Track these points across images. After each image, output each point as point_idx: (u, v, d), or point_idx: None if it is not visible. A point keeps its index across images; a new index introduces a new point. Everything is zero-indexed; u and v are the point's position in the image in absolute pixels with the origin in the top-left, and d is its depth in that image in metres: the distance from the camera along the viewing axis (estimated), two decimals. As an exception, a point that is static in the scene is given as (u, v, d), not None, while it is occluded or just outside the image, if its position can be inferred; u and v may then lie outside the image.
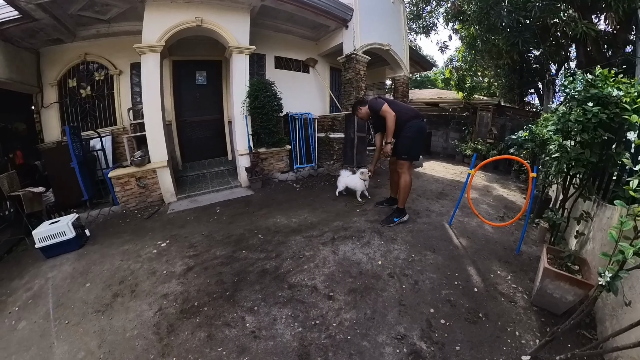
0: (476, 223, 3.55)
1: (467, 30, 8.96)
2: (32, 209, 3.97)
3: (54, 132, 5.59)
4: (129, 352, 1.94)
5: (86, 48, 5.56)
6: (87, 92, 5.68)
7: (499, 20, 7.13)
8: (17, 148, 4.75)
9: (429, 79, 19.79)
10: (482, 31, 8.07)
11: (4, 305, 2.69)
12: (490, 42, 8.16)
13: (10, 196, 3.93)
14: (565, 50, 8.60)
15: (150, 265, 2.95)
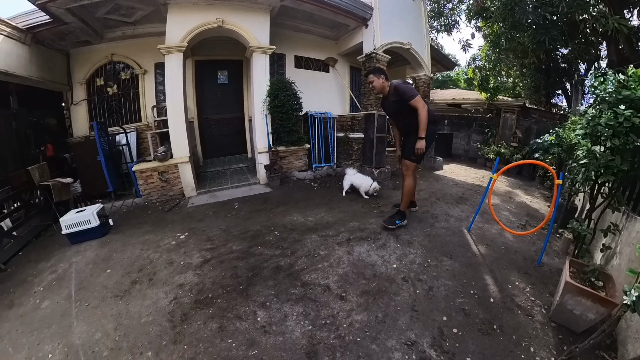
0: (496, 230, 3.42)
1: (491, 27, 8.55)
2: (60, 198, 4.22)
3: (82, 127, 5.93)
4: (142, 336, 2.03)
5: (113, 49, 5.85)
6: (114, 91, 5.99)
7: (524, 16, 6.74)
8: (48, 141, 5.05)
9: (451, 79, 19.25)
10: (507, 28, 7.67)
11: (30, 285, 2.88)
12: (515, 40, 7.76)
13: (41, 185, 4.19)
14: (595, 48, 8.03)
15: (168, 256, 3.05)
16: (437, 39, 13.65)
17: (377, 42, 6.02)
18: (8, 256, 3.46)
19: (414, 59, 7.14)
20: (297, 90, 5.49)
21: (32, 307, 2.54)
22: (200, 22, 4.77)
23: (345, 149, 6.17)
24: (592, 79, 2.72)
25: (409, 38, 6.64)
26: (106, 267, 2.98)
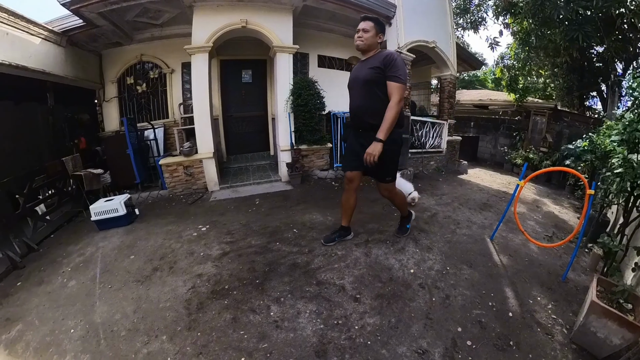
0: (520, 240, 3.27)
1: (520, 24, 8.06)
2: (91, 187, 4.50)
3: (113, 122, 6.30)
4: (159, 321, 2.12)
5: (142, 49, 6.15)
6: (143, 89, 6.29)
7: (556, 12, 6.27)
8: (81, 135, 5.37)
9: (477, 79, 18.52)
10: (537, 25, 7.18)
11: (59, 265, 3.09)
12: (546, 37, 7.23)
13: (74, 175, 4.50)
14: (634, 45, 7.22)
15: (189, 246, 3.17)
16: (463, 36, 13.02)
17: (400, 40, 5.88)
18: (41, 238, 3.73)
19: (439, 58, 6.90)
20: (320, 90, 5.50)
21: (59, 285, 2.74)
22: (224, 23, 4.90)
23: (367, 150, 6.11)
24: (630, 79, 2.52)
25: (433, 36, 6.43)
26: (130, 253, 3.14)
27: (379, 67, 2.37)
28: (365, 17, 2.53)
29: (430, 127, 6.59)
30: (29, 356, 1.98)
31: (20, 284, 2.86)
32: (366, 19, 2.52)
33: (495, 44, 10.11)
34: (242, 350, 1.83)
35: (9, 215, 3.41)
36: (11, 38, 4.08)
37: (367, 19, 2.52)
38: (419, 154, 6.37)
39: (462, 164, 6.91)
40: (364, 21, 2.51)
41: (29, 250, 3.42)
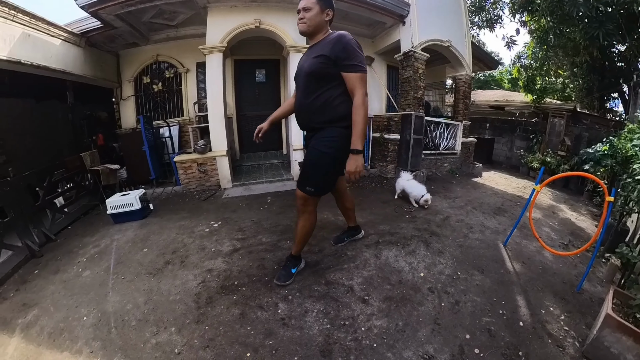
0: (535, 247, 3.17)
1: (537, 22, 7.71)
2: (107, 182, 4.65)
3: (130, 120, 6.51)
4: (169, 312, 2.18)
5: (158, 50, 6.31)
6: (159, 88, 6.47)
7: (575, 9, 5.95)
8: (99, 132, 5.57)
9: (493, 79, 18.03)
10: (555, 23, 6.85)
11: (75, 255, 3.21)
12: (565, 35, 6.91)
13: (91, 170, 4.65)
14: None
15: (201, 242, 3.23)
16: (478, 35, 12.66)
17: (414, 39, 5.80)
18: (59, 229, 3.88)
19: (454, 57, 6.77)
20: (333, 89, 5.49)
21: (74, 275, 2.85)
22: (238, 23, 4.96)
23: (380, 150, 6.06)
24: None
25: (448, 35, 6.31)
26: (143, 246, 3.23)
27: (326, 55, 1.90)
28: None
29: (444, 128, 6.49)
30: (43, 340, 2.07)
31: (37, 271, 2.99)
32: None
33: (512, 42, 9.73)
34: (248, 346, 1.86)
35: (30, 207, 3.56)
36: (33, 39, 4.27)
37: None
38: (433, 156, 6.28)
39: (477, 166, 6.76)
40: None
41: (47, 240, 3.57)
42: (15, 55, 3.97)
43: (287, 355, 1.79)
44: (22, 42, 4.07)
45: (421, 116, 5.56)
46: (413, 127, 5.34)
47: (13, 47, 3.94)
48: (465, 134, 7.01)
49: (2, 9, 3.70)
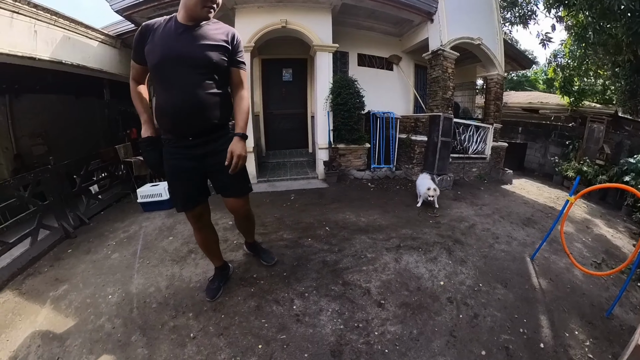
0: (564, 264, 2.97)
1: (575, 17, 7.00)
2: (139, 173, 4.89)
3: None
4: (188, 299, 2.28)
5: None
6: None
7: (616, 2, 5.34)
8: (133, 126, 5.92)
9: (527, 79, 17.11)
10: (594, 18, 6.19)
11: (105, 239, 3.43)
12: (606, 31, 6.29)
13: (124, 161, 4.94)
14: None
15: (224, 234, 3.32)
16: (511, 32, 11.77)
17: (443, 37, 5.61)
18: (92, 213, 4.18)
19: (485, 56, 6.47)
20: (359, 89, 5.47)
21: (104, 256, 3.05)
22: (265, 23, 5.05)
23: (406, 152, 5.95)
24: None
25: (478, 32, 6.03)
26: (169, 234, 3.38)
27: (225, 46, 1.73)
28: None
29: (474, 130, 6.23)
30: (70, 313, 2.25)
31: (70, 251, 3.24)
32: None
33: (547, 40, 8.89)
34: (260, 338, 1.91)
35: (67, 192, 3.84)
36: (73, 42, 4.60)
37: None
38: (461, 160, 6.07)
39: (507, 173, 6.43)
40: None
41: (81, 223, 3.85)
42: (57, 56, 4.30)
43: (297, 351, 1.81)
44: (63, 44, 4.41)
45: (450, 118, 5.39)
46: (441, 129, 5.18)
47: (55, 48, 4.27)
48: (495, 138, 6.72)
49: (45, 14, 4.03)
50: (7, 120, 5.81)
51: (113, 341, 1.95)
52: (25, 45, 3.83)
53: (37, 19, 3.96)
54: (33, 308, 2.35)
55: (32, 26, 3.90)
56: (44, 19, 4.04)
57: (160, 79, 1.69)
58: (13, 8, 3.59)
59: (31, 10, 3.83)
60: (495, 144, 6.65)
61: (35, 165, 5.24)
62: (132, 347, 1.90)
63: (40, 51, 4.05)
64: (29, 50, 3.88)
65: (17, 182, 3.28)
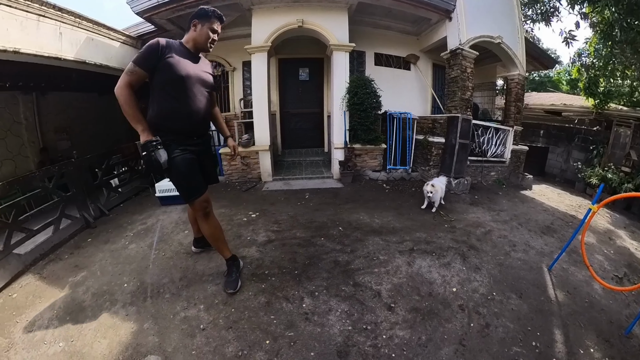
0: (583, 277, 2.82)
1: (600, 13, 6.63)
2: None
3: None
4: (200, 291, 2.35)
5: None
6: None
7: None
8: None
9: (550, 80, 16.35)
10: (622, 14, 5.85)
11: (124, 230, 3.57)
12: (634, 28, 5.94)
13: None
14: None
15: (238, 230, 3.40)
16: (532, 30, 11.12)
17: (462, 36, 5.44)
18: (112, 205, 4.37)
19: (506, 55, 6.23)
20: (376, 88, 5.43)
21: (121, 246, 3.17)
22: (281, 23, 5.11)
23: (423, 153, 5.86)
24: None
25: (499, 30, 5.81)
26: (185, 228, 3.46)
27: (213, 76, 2.36)
28: (221, 17, 2.25)
29: (493, 133, 6.05)
30: (87, 298, 2.36)
31: (90, 240, 3.40)
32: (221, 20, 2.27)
33: (571, 38, 8.35)
34: (268, 334, 1.94)
35: (89, 185, 4.03)
36: (96, 43, 4.81)
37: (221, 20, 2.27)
38: (479, 163, 5.91)
39: (527, 178, 6.21)
40: (221, 23, 2.26)
41: (102, 214, 4.03)
42: (81, 56, 4.52)
43: (304, 349, 1.83)
44: (87, 45, 4.63)
45: (468, 119, 5.27)
46: (459, 130, 5.07)
47: (79, 49, 4.49)
48: (516, 141, 6.52)
49: (69, 17, 4.24)
50: (34, 116, 6.14)
51: (126, 327, 2.04)
52: (51, 46, 4.03)
53: (62, 22, 4.17)
54: (53, 292, 2.48)
55: (57, 28, 4.11)
56: (68, 21, 4.25)
57: (182, 90, 2.03)
58: (40, 12, 3.80)
59: (56, 13, 4.04)
60: (515, 148, 6.44)
61: (59, 159, 5.52)
62: (143, 334, 1.98)
63: (65, 52, 4.26)
64: (55, 50, 4.08)
65: (42, 174, 3.46)
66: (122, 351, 1.86)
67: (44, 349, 1.91)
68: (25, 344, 1.96)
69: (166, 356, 1.81)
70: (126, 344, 1.91)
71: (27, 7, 3.61)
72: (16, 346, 1.95)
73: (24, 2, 3.56)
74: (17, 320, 2.18)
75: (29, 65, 4.06)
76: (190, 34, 2.15)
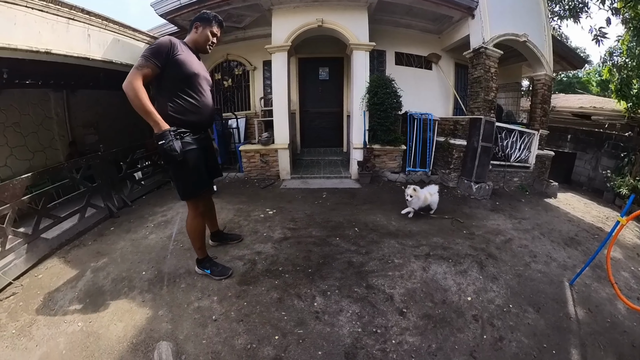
0: (607, 295, 2.63)
1: (633, 9, 6.12)
2: None
3: None
4: (215, 283, 2.42)
5: (228, 49, 6.86)
6: (229, 84, 7.09)
7: None
8: None
9: (578, 81, 15.49)
10: None
11: (145, 221, 3.73)
12: None
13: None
14: None
15: (255, 226, 3.47)
16: (560, 28, 10.49)
17: (485, 34, 5.24)
18: (135, 197, 4.56)
19: (532, 54, 5.94)
20: (397, 88, 5.36)
21: (142, 236, 3.31)
22: (301, 23, 5.14)
23: (443, 156, 5.72)
24: None
25: (524, 28, 5.53)
26: (204, 221, 3.59)
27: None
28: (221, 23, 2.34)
29: (517, 136, 5.80)
30: (107, 283, 2.50)
31: (113, 228, 3.57)
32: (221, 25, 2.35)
33: (602, 36, 7.72)
34: (278, 329, 1.97)
35: (114, 177, 4.24)
36: (122, 43, 5.06)
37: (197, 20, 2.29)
38: (501, 167, 5.69)
39: (552, 185, 5.91)
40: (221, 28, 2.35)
41: (124, 205, 4.24)
42: (108, 56, 4.75)
43: (312, 347, 1.84)
44: (113, 46, 4.88)
45: (492, 121, 5.10)
46: (482, 133, 4.93)
47: (106, 50, 4.74)
48: (541, 146, 6.24)
49: (97, 20, 4.49)
50: (64, 112, 6.56)
51: (141, 313, 2.14)
52: (80, 47, 4.28)
53: (90, 24, 4.41)
54: (75, 275, 2.64)
55: (86, 30, 4.35)
56: (96, 24, 4.50)
57: (194, 86, 2.15)
58: (69, 15, 4.04)
59: (85, 16, 4.28)
60: (540, 152, 6.17)
61: (87, 152, 5.83)
62: (157, 320, 2.07)
63: (94, 52, 4.51)
64: (84, 51, 4.33)
65: (70, 166, 3.70)
66: (136, 335, 1.95)
67: (64, 327, 2.04)
68: (46, 322, 2.11)
69: (177, 343, 1.88)
70: (140, 328, 2.00)
71: (57, 11, 3.85)
72: (38, 323, 2.10)
73: (55, 6, 3.80)
74: (41, 299, 2.34)
75: (60, 65, 4.31)
76: (192, 35, 2.27)
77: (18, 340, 1.96)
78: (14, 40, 3.35)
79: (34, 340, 1.96)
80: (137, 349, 1.86)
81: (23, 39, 3.45)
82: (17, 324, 2.10)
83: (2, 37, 3.23)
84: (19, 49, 3.41)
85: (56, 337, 1.96)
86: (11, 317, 2.17)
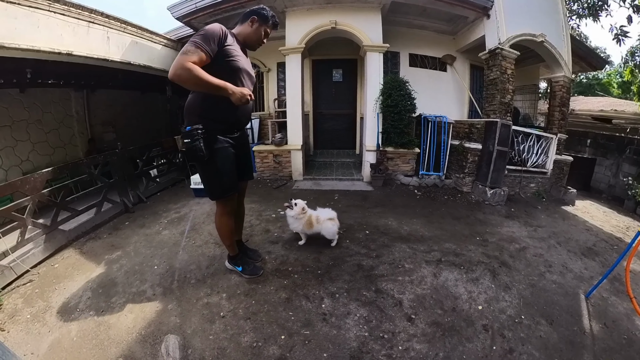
0: (625, 309, 2.48)
1: None
2: None
3: None
4: (224, 280, 2.46)
5: None
6: None
7: None
8: None
9: (599, 82, 14.93)
10: None
11: (159, 217, 3.83)
12: None
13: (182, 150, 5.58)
14: None
15: (266, 225, 3.51)
16: (579, 27, 10.02)
17: (501, 35, 5.09)
18: (150, 194, 4.70)
19: (549, 55, 5.73)
20: (411, 90, 5.30)
21: (155, 232, 3.40)
22: (315, 25, 5.14)
23: (458, 160, 5.62)
24: None
25: (541, 28, 5.34)
26: (216, 219, 3.66)
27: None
28: (276, 25, 2.30)
29: (534, 140, 5.63)
30: (120, 275, 2.58)
31: (127, 223, 3.69)
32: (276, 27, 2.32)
33: (623, 35, 7.35)
34: (285, 329, 1.98)
35: (130, 174, 4.38)
36: (140, 46, 5.23)
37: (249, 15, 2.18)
38: (517, 173, 5.53)
39: (570, 192, 5.68)
40: (274, 30, 2.32)
41: (140, 201, 4.37)
42: (126, 58, 4.93)
43: (317, 349, 1.85)
44: (132, 48, 5.06)
45: (508, 125, 4.98)
46: (498, 136, 4.82)
47: (125, 51, 4.91)
48: (559, 150, 6.03)
49: (116, 23, 4.68)
50: (84, 110, 6.80)
51: (151, 306, 2.20)
52: (100, 49, 4.46)
53: (110, 27, 4.58)
54: (89, 266, 2.75)
55: (105, 33, 4.52)
56: (115, 27, 4.68)
57: (238, 81, 1.98)
58: (89, 19, 4.22)
59: (104, 20, 4.46)
60: (558, 158, 5.96)
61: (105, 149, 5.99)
62: (166, 313, 2.12)
63: (112, 54, 4.68)
64: (103, 53, 4.51)
65: (89, 162, 3.89)
66: (145, 327, 2.01)
67: (76, 315, 2.14)
68: (60, 309, 2.20)
69: (185, 337, 1.92)
70: (150, 320, 2.06)
71: (78, 15, 4.03)
72: (52, 309, 2.20)
73: (76, 10, 3.97)
74: (55, 287, 2.45)
75: (81, 66, 4.50)
76: (245, 28, 2.11)
77: (32, 325, 2.06)
78: (38, 42, 3.51)
79: (47, 325, 2.05)
80: (145, 341, 1.91)
81: (46, 41, 3.61)
82: (32, 309, 2.21)
83: (27, 39, 3.39)
84: (42, 50, 3.58)
85: (68, 324, 2.05)
86: (27, 303, 2.28)
